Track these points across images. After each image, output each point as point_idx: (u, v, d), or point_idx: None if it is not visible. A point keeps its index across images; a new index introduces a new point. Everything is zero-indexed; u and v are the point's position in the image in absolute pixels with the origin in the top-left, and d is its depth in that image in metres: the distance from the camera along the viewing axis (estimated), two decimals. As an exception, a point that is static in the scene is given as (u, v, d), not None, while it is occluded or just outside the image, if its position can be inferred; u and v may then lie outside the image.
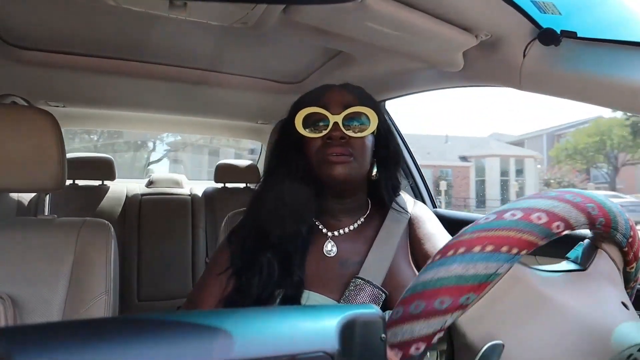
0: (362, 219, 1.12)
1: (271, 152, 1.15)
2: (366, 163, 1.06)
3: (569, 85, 1.18)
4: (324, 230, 1.09)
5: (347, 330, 0.43)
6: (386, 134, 1.12)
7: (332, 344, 0.41)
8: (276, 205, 1.03)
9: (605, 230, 0.59)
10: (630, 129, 18.75)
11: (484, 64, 1.39)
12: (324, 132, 1.02)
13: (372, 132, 1.06)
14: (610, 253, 0.64)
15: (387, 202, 1.14)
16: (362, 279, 0.97)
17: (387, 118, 1.13)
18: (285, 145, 1.10)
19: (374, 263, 1.02)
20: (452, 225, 1.10)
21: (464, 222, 0.88)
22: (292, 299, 0.95)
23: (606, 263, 0.63)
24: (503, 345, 0.48)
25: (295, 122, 1.03)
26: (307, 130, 1.03)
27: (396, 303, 0.51)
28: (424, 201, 2.31)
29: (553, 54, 1.19)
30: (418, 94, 1.98)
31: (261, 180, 1.13)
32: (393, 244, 1.07)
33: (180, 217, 2.94)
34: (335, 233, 1.09)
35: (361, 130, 1.03)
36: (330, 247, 1.06)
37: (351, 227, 1.10)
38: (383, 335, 0.46)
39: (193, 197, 3.06)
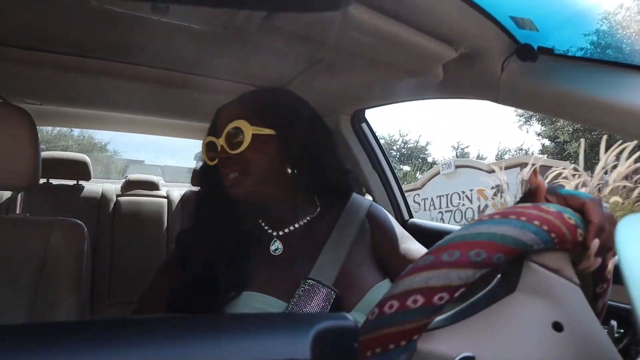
0: (308, 218, 1.13)
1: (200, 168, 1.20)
2: (263, 171, 1.06)
3: (545, 100, 1.20)
4: (269, 231, 1.10)
5: (320, 339, 0.43)
6: (288, 130, 1.08)
7: (304, 352, 0.41)
8: (211, 212, 1.10)
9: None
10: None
11: (463, 77, 1.41)
12: (217, 158, 1.07)
13: (262, 141, 1.05)
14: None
15: (334, 197, 1.18)
16: (313, 279, 0.97)
17: (295, 114, 1.13)
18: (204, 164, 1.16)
19: (326, 263, 1.02)
20: (426, 236, 1.11)
21: (439, 233, 0.88)
22: (230, 301, 0.96)
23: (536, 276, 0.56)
24: (474, 358, 0.48)
25: (202, 152, 1.12)
26: (209, 158, 1.11)
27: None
28: (399, 210, 2.33)
29: (530, 69, 1.21)
30: (398, 103, 2.01)
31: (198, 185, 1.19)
32: (346, 243, 1.07)
33: (155, 219, 2.90)
34: (280, 232, 1.10)
35: (238, 146, 1.03)
36: (276, 246, 1.07)
37: (296, 225, 1.11)
38: (356, 344, 0.46)
39: (169, 199, 3.02)
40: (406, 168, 23.23)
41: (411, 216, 2.33)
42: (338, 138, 2.17)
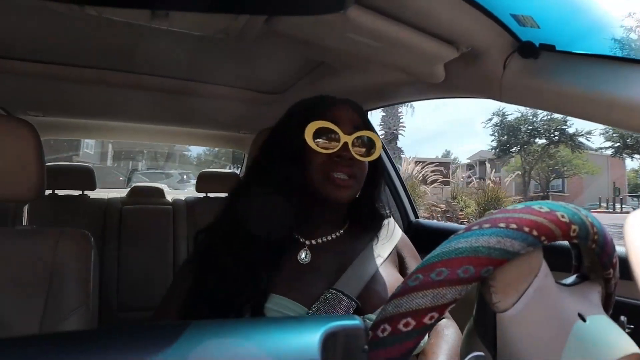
0: (340, 232, 1.12)
1: (259, 159, 1.10)
2: (362, 184, 1.08)
3: (547, 97, 1.20)
4: (301, 240, 1.08)
5: (330, 342, 0.43)
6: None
7: (314, 355, 0.41)
8: (258, 214, 1.00)
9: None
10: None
11: (465, 76, 1.41)
12: (333, 150, 1.01)
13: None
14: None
15: (366, 220, 1.16)
16: (337, 289, 0.97)
17: None
18: (280, 153, 1.05)
19: (352, 276, 1.02)
20: (430, 235, 1.11)
21: (444, 232, 0.88)
22: (255, 308, 0.92)
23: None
24: (484, 357, 0.48)
25: (306, 133, 1.00)
26: (316, 143, 1.01)
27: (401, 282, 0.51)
28: (405, 211, 2.32)
29: (532, 66, 1.21)
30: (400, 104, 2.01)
31: (241, 185, 1.10)
32: (376, 263, 1.08)
33: (161, 227, 2.90)
34: (313, 242, 1.08)
35: (368, 155, 1.06)
36: (304, 255, 1.05)
37: (328, 237, 1.10)
38: (365, 346, 0.45)
39: (175, 206, 3.02)
40: (541, 142, 25.06)
41: (417, 217, 2.32)
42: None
